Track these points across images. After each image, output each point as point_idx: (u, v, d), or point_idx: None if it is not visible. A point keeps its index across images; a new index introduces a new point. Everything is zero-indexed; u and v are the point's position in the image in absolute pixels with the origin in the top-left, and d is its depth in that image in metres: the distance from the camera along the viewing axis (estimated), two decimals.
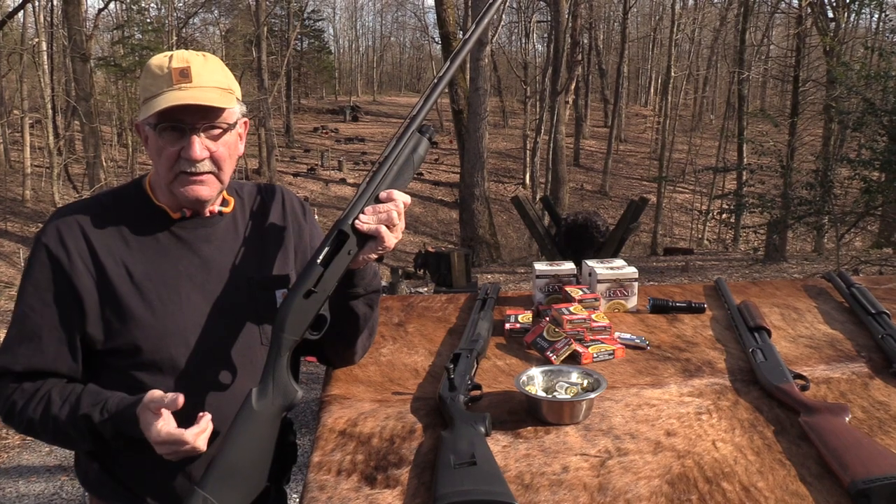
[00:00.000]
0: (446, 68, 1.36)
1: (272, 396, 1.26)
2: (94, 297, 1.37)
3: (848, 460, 1.08)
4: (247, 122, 1.49)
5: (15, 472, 4.63)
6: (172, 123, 1.34)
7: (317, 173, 30.88)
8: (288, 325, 1.27)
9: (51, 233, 1.39)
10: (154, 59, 1.38)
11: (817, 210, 9.88)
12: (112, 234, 1.41)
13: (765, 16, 27.10)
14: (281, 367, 1.28)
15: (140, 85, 1.40)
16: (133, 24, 24.96)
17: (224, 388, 1.42)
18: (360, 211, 1.30)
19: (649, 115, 41.84)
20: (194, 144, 1.34)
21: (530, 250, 20.66)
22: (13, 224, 19.11)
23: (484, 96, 16.53)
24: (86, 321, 1.37)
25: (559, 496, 1.06)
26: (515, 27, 38.39)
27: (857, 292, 1.83)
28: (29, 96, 23.31)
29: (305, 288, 1.28)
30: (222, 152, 1.39)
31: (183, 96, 1.32)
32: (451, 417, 1.23)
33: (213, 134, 1.38)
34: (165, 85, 1.33)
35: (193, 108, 1.33)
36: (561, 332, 1.59)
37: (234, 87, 1.42)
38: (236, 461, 1.23)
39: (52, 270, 1.37)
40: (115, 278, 1.38)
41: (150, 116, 1.34)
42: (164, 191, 1.43)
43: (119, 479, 1.45)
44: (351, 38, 67.43)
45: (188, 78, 1.33)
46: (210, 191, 1.41)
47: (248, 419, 1.25)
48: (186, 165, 1.36)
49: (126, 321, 1.37)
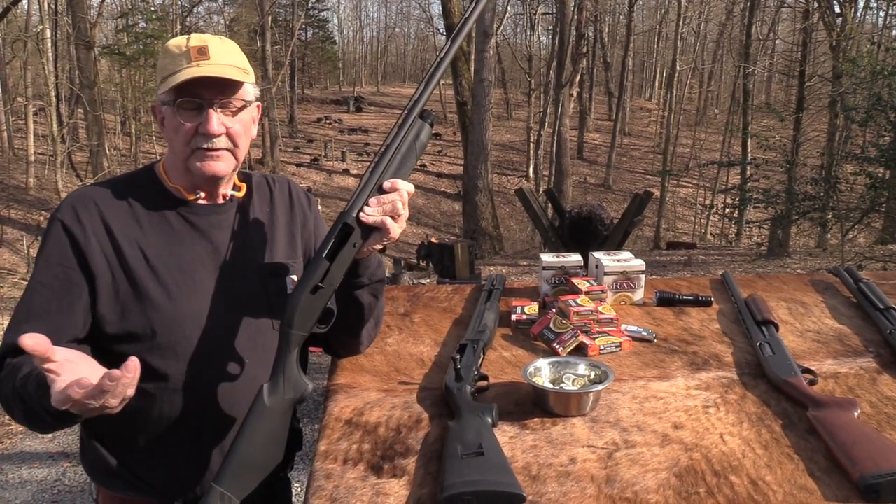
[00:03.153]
0: (446, 50, 1.33)
1: (283, 391, 1.27)
2: (108, 277, 1.36)
3: (857, 455, 1.08)
4: (260, 106, 1.50)
5: (18, 458, 4.65)
6: (190, 98, 1.35)
7: (320, 164, 30.84)
8: (296, 321, 1.28)
9: (67, 210, 1.39)
10: (172, 41, 1.39)
11: (821, 206, 9.85)
12: (127, 216, 1.41)
13: (771, 10, 27.00)
14: (291, 362, 1.28)
15: (158, 67, 1.41)
16: (137, 13, 24.88)
17: (236, 372, 1.42)
18: (365, 202, 1.29)
19: (654, 108, 41.74)
20: (212, 118, 1.36)
21: (533, 243, 20.66)
22: (16, 211, 19.12)
23: (488, 88, 16.48)
24: (97, 300, 1.36)
25: (566, 487, 1.06)
26: (520, 19, 38.29)
27: (865, 287, 1.82)
28: (33, 84, 23.28)
29: (312, 283, 1.28)
30: (238, 129, 1.41)
31: (201, 71, 1.34)
32: (457, 408, 1.23)
33: (230, 110, 1.40)
34: (184, 62, 1.35)
35: (211, 83, 1.35)
36: (568, 323, 1.59)
37: (249, 69, 1.44)
38: (250, 455, 1.24)
39: (66, 245, 1.36)
40: (131, 260, 1.38)
41: (168, 92, 1.35)
42: (179, 171, 1.44)
43: (127, 468, 1.44)
44: (355, 29, 67.42)
45: (206, 55, 1.35)
46: (226, 166, 1.42)
47: (261, 414, 1.25)
48: (203, 141, 1.37)
49: (142, 303, 1.36)
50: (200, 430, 1.42)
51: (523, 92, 37.16)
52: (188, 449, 1.42)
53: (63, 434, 4.93)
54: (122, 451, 1.44)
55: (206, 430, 1.43)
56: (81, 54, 19.90)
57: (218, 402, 1.41)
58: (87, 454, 1.48)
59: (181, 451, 1.42)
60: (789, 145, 13.42)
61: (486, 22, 16.09)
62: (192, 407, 1.40)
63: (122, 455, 1.44)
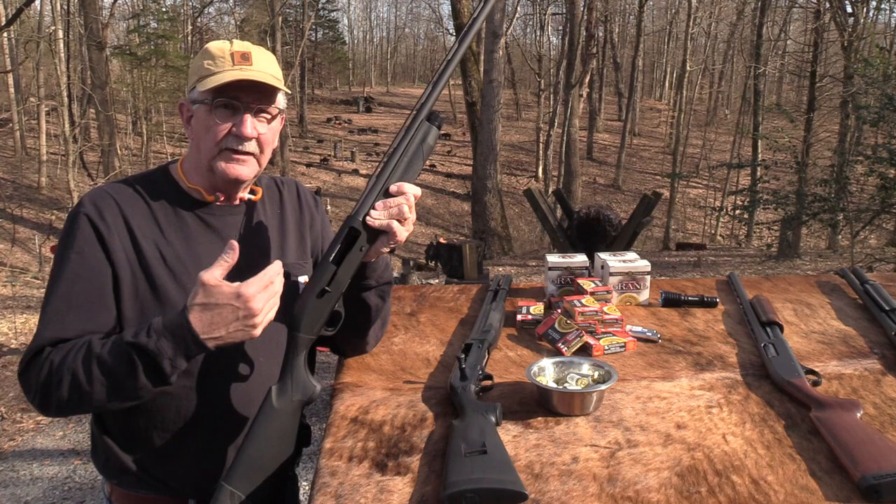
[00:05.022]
0: (454, 51, 1.34)
1: (291, 393, 1.29)
2: (129, 275, 1.37)
3: (859, 456, 1.08)
4: (283, 118, 1.51)
5: (29, 455, 4.69)
6: (229, 100, 1.38)
7: (329, 164, 30.93)
8: (303, 325, 1.29)
9: (90, 205, 1.39)
10: (213, 44, 1.42)
11: (832, 207, 9.80)
12: (145, 215, 1.42)
13: (782, 10, 26.87)
14: (299, 365, 1.30)
15: (194, 65, 1.43)
16: (148, 13, 25.02)
17: (250, 371, 1.44)
18: (371, 206, 1.30)
19: (664, 109, 41.60)
20: (247, 121, 1.39)
21: (542, 243, 20.63)
22: (28, 211, 19.24)
23: (498, 88, 16.49)
24: (120, 297, 1.37)
25: (569, 486, 1.07)
26: (530, 19, 38.29)
27: (871, 289, 1.82)
28: (45, 84, 23.40)
29: (319, 287, 1.29)
30: (268, 136, 1.44)
31: (244, 74, 1.37)
32: (461, 406, 1.24)
33: (263, 117, 1.42)
34: (227, 65, 1.38)
35: (251, 88, 1.38)
36: (573, 323, 1.59)
37: (283, 82, 1.46)
38: (259, 456, 1.26)
39: (95, 239, 1.36)
40: (151, 259, 1.39)
41: (206, 92, 1.37)
42: (201, 171, 1.45)
43: (141, 466, 1.44)
44: (365, 29, 67.60)
45: (249, 61, 1.39)
46: (250, 171, 1.43)
47: (270, 416, 1.27)
48: (234, 142, 1.39)
49: (161, 302, 1.37)
50: (215, 429, 1.44)
51: (533, 92, 37.14)
52: (203, 447, 1.44)
53: (74, 432, 4.98)
54: (136, 448, 1.45)
55: (220, 429, 1.44)
56: (93, 55, 20.00)
57: (232, 401, 1.43)
58: (100, 452, 1.49)
59: (196, 449, 1.43)
60: (800, 146, 13.36)
61: (495, 22, 16.10)
62: (207, 405, 1.41)
63: (136, 453, 1.45)
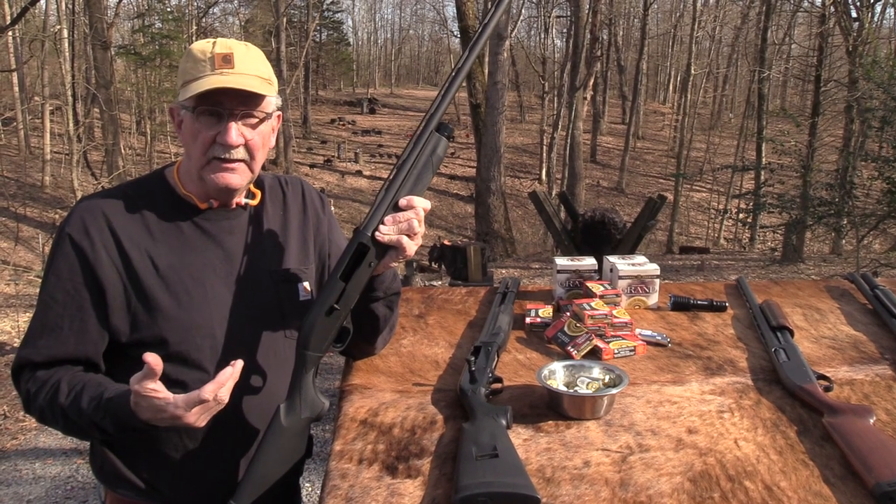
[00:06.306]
0: (464, 59, 1.31)
1: (300, 411, 1.28)
2: (118, 288, 1.36)
3: (872, 462, 1.07)
4: (280, 116, 1.47)
5: (32, 454, 4.68)
6: (211, 107, 1.33)
7: (333, 165, 30.93)
8: (312, 343, 1.27)
9: (75, 222, 1.37)
10: (196, 45, 1.37)
11: (837, 211, 9.78)
12: (137, 224, 1.39)
13: (787, 14, 26.79)
14: (307, 382, 1.29)
15: (180, 69, 1.39)
16: (153, 13, 25.08)
17: (248, 380, 1.42)
18: (380, 221, 1.27)
19: (668, 112, 41.54)
20: (231, 130, 1.34)
21: (545, 246, 20.62)
22: (32, 209, 19.28)
23: (502, 91, 16.48)
24: (109, 312, 1.36)
25: (580, 490, 1.06)
26: (535, 22, 38.26)
27: (881, 294, 1.81)
28: (50, 83, 23.46)
29: (328, 305, 1.27)
30: (257, 141, 1.39)
31: (224, 80, 1.31)
32: (472, 409, 1.24)
33: (250, 122, 1.37)
34: (207, 69, 1.32)
35: (233, 94, 1.33)
36: (582, 327, 1.59)
37: (273, 79, 1.41)
38: (267, 473, 1.26)
39: (75, 260, 1.35)
40: (141, 269, 1.36)
41: (189, 99, 1.32)
42: (193, 179, 1.42)
43: (137, 475, 1.43)
44: (369, 31, 67.58)
45: (230, 64, 1.33)
46: (240, 179, 1.40)
47: (278, 434, 1.27)
48: (221, 151, 1.35)
49: (153, 313, 1.36)
50: (211, 438, 1.41)
51: (537, 95, 37.13)
52: (198, 458, 1.42)
53: None
54: (132, 458, 1.44)
55: (216, 439, 1.42)
56: (98, 54, 20.02)
57: (229, 411, 1.41)
58: (97, 458, 1.48)
59: (191, 459, 1.42)
60: (804, 150, 13.33)
61: (500, 25, 16.09)
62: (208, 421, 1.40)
63: (132, 462, 1.44)
